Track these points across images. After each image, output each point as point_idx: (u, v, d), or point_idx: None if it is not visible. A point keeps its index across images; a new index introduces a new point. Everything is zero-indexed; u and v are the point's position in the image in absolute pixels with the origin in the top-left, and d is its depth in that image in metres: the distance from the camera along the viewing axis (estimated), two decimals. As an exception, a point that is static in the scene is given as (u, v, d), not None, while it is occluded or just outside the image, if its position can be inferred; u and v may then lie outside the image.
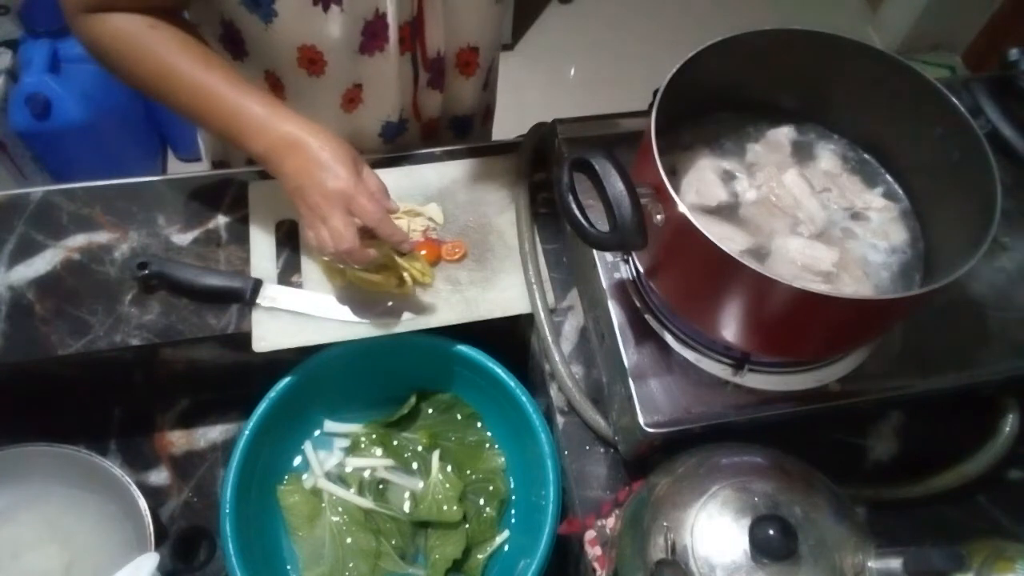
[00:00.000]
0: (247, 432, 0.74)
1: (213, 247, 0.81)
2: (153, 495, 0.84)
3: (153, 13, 0.69)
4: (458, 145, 0.91)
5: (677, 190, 0.54)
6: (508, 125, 1.08)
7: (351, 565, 0.76)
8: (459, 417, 0.85)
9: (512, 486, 0.82)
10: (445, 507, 0.78)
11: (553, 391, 0.76)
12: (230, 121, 0.68)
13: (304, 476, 0.81)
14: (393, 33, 0.79)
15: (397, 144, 0.93)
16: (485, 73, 0.96)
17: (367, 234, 0.69)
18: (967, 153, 0.58)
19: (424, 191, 0.85)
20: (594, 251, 0.70)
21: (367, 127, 0.90)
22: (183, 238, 0.82)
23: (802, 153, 0.69)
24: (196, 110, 0.69)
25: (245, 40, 0.79)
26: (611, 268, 0.70)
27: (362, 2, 0.75)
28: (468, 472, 0.82)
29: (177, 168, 2.04)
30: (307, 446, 0.83)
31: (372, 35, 0.79)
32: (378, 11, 0.76)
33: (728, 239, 0.62)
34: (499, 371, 0.77)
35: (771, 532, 0.50)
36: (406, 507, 0.81)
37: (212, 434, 0.89)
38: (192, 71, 0.68)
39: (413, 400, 0.84)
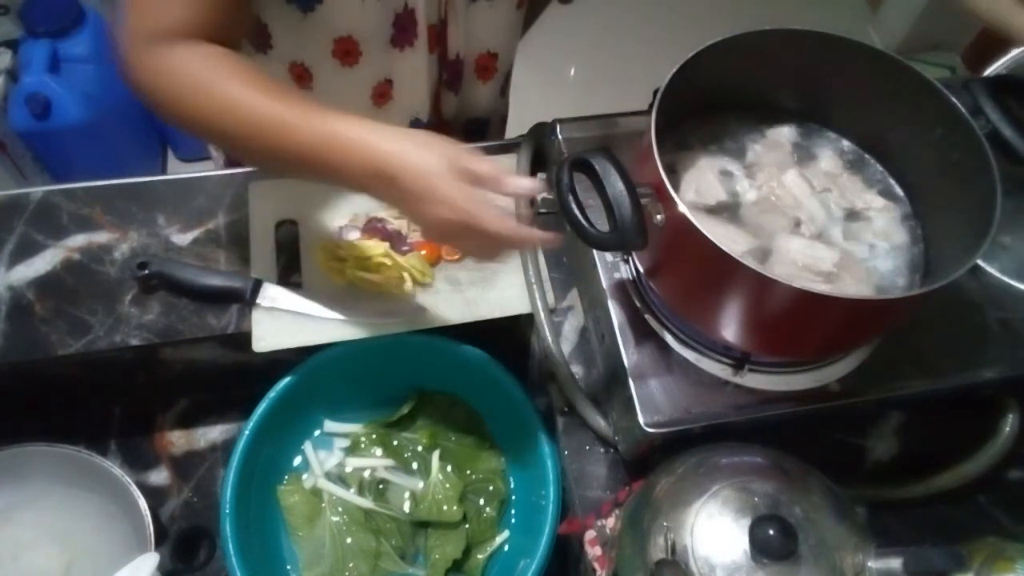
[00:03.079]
0: (247, 432, 0.74)
1: (213, 247, 0.81)
2: (153, 495, 0.84)
3: (214, 39, 0.62)
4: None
5: (677, 190, 0.54)
6: (508, 125, 1.08)
7: (351, 565, 0.76)
8: (459, 417, 0.85)
9: (512, 486, 0.82)
10: (445, 507, 0.78)
11: (553, 391, 0.76)
12: (322, 152, 0.59)
13: (304, 476, 0.81)
14: (422, 29, 0.79)
15: None
16: (503, 78, 0.97)
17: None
18: (967, 153, 0.58)
19: (424, 191, 0.85)
20: (594, 251, 0.70)
21: (394, 123, 0.90)
22: (183, 238, 0.82)
23: (802, 153, 0.69)
24: (275, 145, 0.60)
25: (272, 34, 0.78)
26: (611, 268, 0.70)
27: None
28: (468, 472, 0.82)
29: (177, 168, 2.04)
30: (307, 446, 0.83)
31: (402, 29, 0.79)
32: (407, 5, 0.77)
33: (729, 240, 0.62)
34: (499, 371, 0.77)
35: (771, 532, 0.50)
36: (406, 507, 0.81)
37: (212, 434, 0.89)
38: (264, 101, 0.59)
39: (413, 400, 0.84)
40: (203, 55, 0.62)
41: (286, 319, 0.76)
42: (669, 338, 0.66)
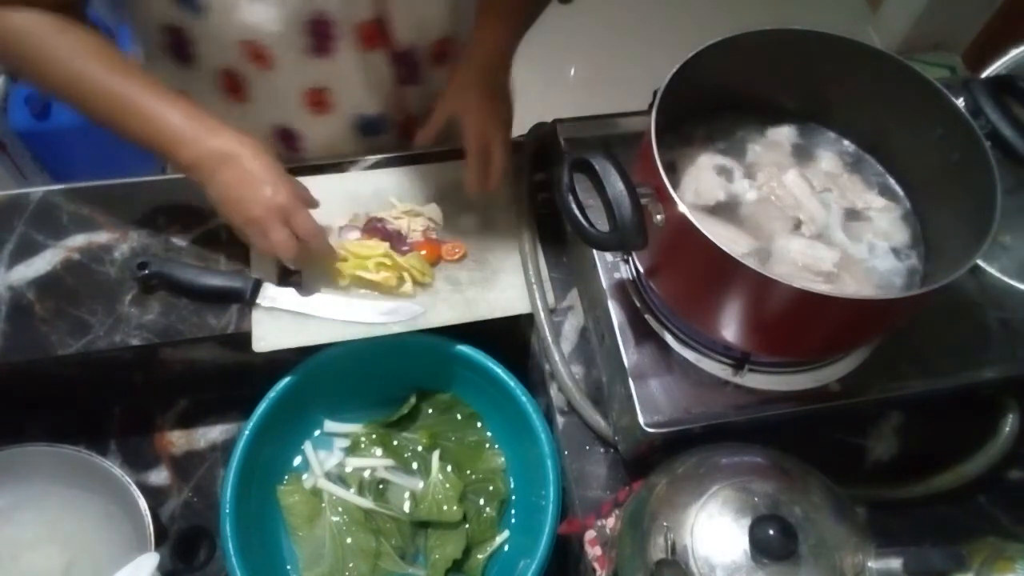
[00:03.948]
0: (247, 432, 0.74)
1: (213, 247, 0.81)
2: (153, 495, 0.84)
3: (58, 9, 0.66)
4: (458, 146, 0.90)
5: (677, 189, 0.54)
6: (508, 125, 1.08)
7: (351, 565, 0.76)
8: (459, 417, 0.85)
9: (512, 486, 0.82)
10: (445, 507, 0.78)
11: (553, 391, 0.76)
12: (152, 132, 0.66)
13: (304, 476, 0.81)
14: (344, 32, 0.77)
15: (376, 145, 0.92)
16: (458, 59, 0.95)
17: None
18: (967, 153, 0.58)
19: (424, 191, 0.85)
20: (594, 251, 0.70)
21: (342, 127, 0.89)
22: (183, 238, 0.82)
23: (802, 153, 0.69)
24: (113, 119, 0.67)
25: (191, 41, 0.77)
26: (611, 268, 0.70)
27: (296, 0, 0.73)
28: (468, 472, 0.82)
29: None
30: (307, 446, 0.83)
31: (320, 35, 0.77)
32: (317, 11, 0.74)
33: (729, 240, 0.62)
34: (499, 371, 0.77)
35: (771, 532, 0.50)
36: (406, 507, 0.81)
37: (212, 434, 0.89)
38: (107, 78, 0.66)
39: (413, 400, 0.84)
40: (48, 24, 0.66)
41: (286, 319, 0.76)
42: (669, 338, 0.66)
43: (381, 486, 0.81)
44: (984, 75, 0.74)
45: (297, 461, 0.83)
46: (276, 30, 0.74)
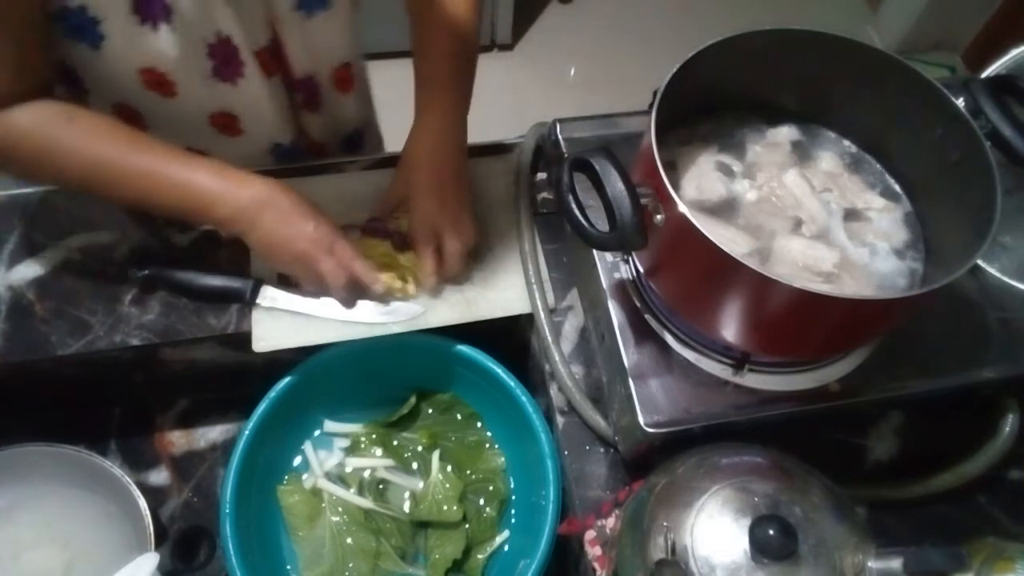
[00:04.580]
0: (247, 432, 0.74)
1: (213, 247, 0.81)
2: (153, 495, 0.84)
3: (38, 92, 0.65)
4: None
5: (677, 189, 0.54)
6: (508, 125, 1.08)
7: (351, 565, 0.76)
8: (459, 417, 0.85)
9: (512, 486, 0.82)
10: (445, 507, 0.78)
11: (553, 391, 0.76)
12: (186, 198, 0.66)
13: (304, 476, 0.81)
14: (248, 58, 0.76)
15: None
16: (364, 84, 0.96)
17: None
18: (967, 153, 0.58)
19: (424, 191, 0.85)
20: (594, 251, 0.70)
21: (256, 151, 0.89)
22: (183, 238, 0.82)
23: (802, 153, 0.69)
24: (143, 196, 0.67)
25: (82, 77, 0.75)
26: (611, 268, 0.70)
27: (197, 22, 0.71)
28: (468, 472, 0.82)
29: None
30: (307, 446, 0.83)
31: (224, 60, 0.75)
32: (220, 34, 0.73)
33: (729, 240, 0.62)
34: (499, 371, 0.77)
35: (771, 532, 0.50)
36: (406, 507, 0.81)
37: (212, 434, 0.89)
38: (128, 157, 0.65)
39: (413, 400, 0.84)
40: (55, 116, 0.65)
41: (286, 319, 0.76)
42: (669, 338, 0.66)
43: (381, 486, 0.81)
44: (984, 75, 0.74)
45: (297, 461, 0.83)
46: (177, 55, 0.72)
